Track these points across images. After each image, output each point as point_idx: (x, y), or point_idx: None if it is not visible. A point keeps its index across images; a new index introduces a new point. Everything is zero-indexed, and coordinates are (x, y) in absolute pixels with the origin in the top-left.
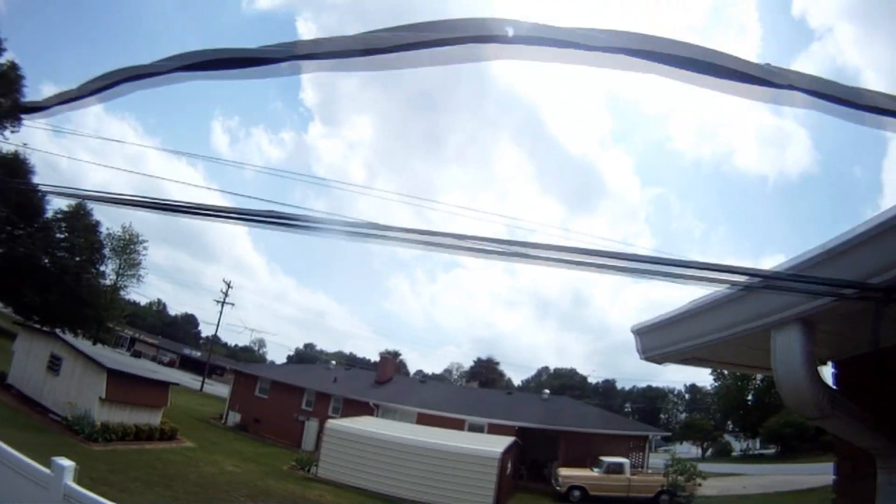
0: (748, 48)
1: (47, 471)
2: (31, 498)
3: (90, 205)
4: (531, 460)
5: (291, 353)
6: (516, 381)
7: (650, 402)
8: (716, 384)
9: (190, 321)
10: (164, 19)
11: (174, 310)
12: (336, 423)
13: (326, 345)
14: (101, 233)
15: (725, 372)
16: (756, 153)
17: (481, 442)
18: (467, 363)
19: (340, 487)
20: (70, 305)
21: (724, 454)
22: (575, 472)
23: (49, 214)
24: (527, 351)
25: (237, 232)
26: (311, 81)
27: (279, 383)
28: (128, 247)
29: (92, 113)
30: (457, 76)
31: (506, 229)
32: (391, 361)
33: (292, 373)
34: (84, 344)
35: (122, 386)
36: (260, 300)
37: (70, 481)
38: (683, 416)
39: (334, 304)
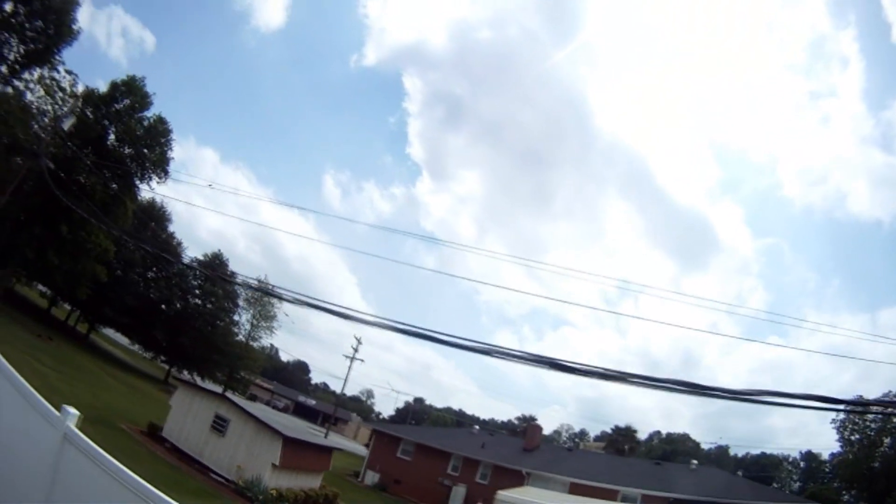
0: (853, 81)
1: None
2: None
3: (226, 255)
4: None
5: (401, 405)
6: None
7: (763, 470)
8: (840, 451)
9: (302, 368)
10: (277, 73)
11: (286, 355)
12: (506, 494)
13: (433, 398)
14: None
15: (853, 437)
16: (868, 195)
17: None
18: (576, 424)
19: None
20: (202, 350)
21: None
22: None
23: (186, 261)
24: (634, 412)
25: (346, 281)
26: (419, 136)
27: (424, 446)
28: (262, 298)
29: (209, 162)
30: (562, 131)
31: (615, 290)
32: (538, 429)
33: (436, 436)
34: (256, 408)
35: (294, 452)
36: (368, 350)
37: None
38: (797, 485)
39: (440, 358)
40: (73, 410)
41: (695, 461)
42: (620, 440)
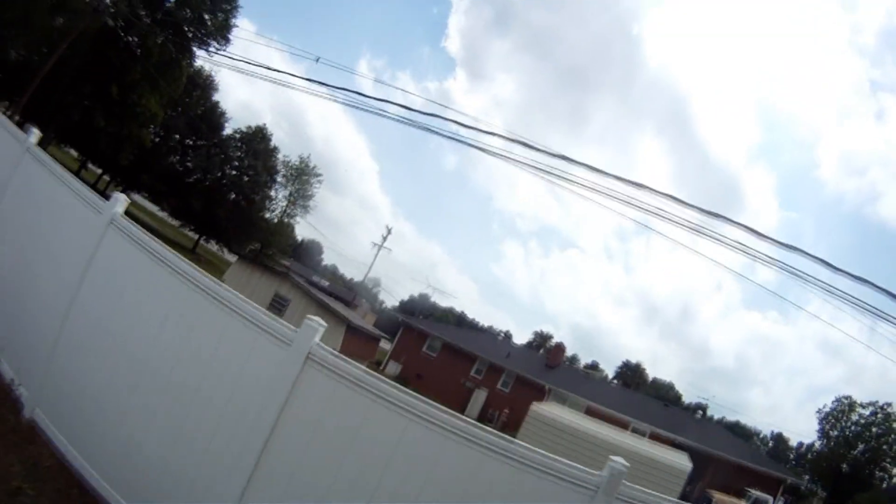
0: None
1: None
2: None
3: (270, 129)
4: None
5: (405, 299)
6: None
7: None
8: (815, 441)
9: (316, 248)
10: None
11: (302, 232)
12: (540, 408)
13: (435, 297)
14: (277, 158)
15: (833, 433)
16: None
17: (670, 453)
18: (568, 349)
19: None
20: (235, 223)
21: None
22: (728, 498)
23: (228, 131)
24: (623, 351)
25: (367, 167)
26: (461, 33)
27: (451, 345)
28: (301, 176)
29: (244, 32)
30: (609, 56)
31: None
32: (562, 349)
33: (464, 337)
34: (321, 292)
35: (352, 339)
36: (378, 239)
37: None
38: None
39: (447, 257)
40: (34, 131)
41: (700, 411)
42: (629, 375)
